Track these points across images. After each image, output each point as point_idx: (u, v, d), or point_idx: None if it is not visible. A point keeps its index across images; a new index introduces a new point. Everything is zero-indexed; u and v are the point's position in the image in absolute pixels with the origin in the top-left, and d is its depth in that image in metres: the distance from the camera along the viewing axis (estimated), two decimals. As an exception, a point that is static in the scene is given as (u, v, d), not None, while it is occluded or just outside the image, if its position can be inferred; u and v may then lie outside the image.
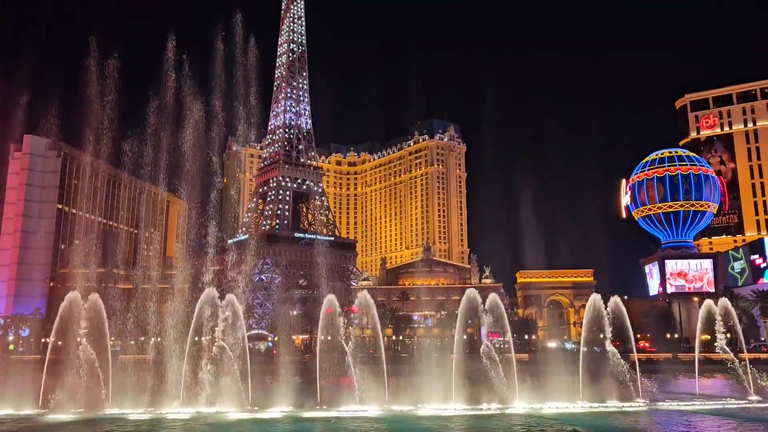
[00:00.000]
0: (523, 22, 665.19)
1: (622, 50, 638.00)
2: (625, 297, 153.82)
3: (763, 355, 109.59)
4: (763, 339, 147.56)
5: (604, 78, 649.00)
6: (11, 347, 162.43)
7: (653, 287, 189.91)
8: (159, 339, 62.40)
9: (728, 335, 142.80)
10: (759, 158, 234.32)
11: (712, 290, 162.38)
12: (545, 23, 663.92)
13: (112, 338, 57.82)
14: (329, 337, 57.39)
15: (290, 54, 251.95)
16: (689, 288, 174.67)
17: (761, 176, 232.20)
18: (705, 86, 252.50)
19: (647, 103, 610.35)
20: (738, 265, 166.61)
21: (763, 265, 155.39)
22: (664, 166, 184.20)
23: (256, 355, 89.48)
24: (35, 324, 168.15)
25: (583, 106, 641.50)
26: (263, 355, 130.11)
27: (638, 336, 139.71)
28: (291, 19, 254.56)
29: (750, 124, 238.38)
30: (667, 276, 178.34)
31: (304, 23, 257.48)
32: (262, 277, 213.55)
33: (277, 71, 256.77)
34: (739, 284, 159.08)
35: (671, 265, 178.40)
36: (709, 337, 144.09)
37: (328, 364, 57.01)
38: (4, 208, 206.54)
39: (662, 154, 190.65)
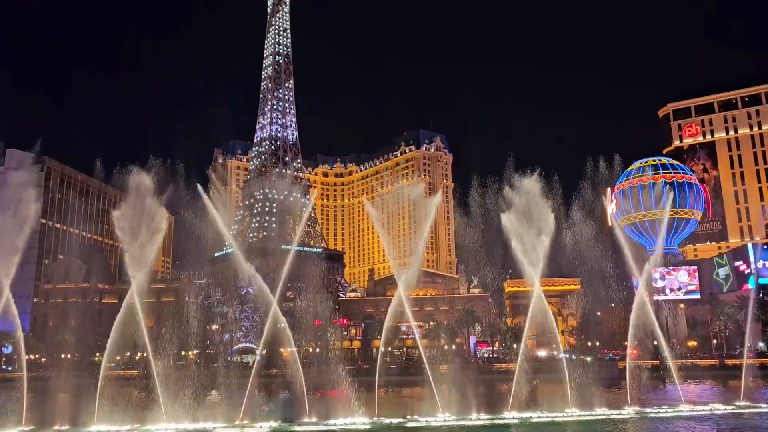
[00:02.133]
0: (508, 34, 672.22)
1: (606, 59, 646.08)
2: (612, 305, 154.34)
3: (750, 360, 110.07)
4: (748, 345, 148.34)
5: (588, 87, 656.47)
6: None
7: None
8: (145, 354, 61.61)
9: (714, 341, 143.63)
10: (741, 165, 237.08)
11: (698, 297, 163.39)
12: (530, 35, 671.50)
13: (98, 354, 57.01)
14: (318, 350, 57.05)
15: (275, 66, 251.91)
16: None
17: (743, 183, 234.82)
18: (687, 95, 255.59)
19: (631, 112, 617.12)
20: (722, 272, 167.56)
21: (747, 271, 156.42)
22: (648, 175, 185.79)
23: (243, 369, 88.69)
24: (19, 340, 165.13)
25: (568, 115, 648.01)
26: (251, 368, 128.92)
27: (625, 344, 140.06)
28: (276, 31, 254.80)
29: (731, 132, 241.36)
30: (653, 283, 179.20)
31: (289, 35, 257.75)
32: (249, 290, 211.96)
33: (262, 83, 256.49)
34: (724, 290, 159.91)
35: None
36: (696, 343, 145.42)
37: (318, 377, 56.64)
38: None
39: (646, 162, 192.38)
